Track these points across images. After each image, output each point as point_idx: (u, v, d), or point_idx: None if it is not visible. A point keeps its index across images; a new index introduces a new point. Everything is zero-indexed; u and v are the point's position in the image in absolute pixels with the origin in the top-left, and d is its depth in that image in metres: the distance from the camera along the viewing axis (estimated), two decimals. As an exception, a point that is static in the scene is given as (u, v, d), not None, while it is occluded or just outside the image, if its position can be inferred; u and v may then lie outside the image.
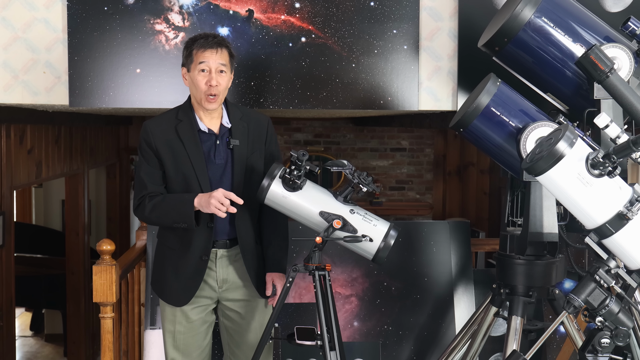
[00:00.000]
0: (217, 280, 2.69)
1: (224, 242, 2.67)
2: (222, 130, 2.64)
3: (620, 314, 1.97)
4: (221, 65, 2.56)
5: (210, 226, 2.62)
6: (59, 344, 6.68)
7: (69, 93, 3.15)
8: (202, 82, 2.54)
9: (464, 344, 2.96)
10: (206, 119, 2.63)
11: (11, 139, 4.36)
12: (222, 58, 2.56)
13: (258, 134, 2.68)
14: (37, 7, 3.14)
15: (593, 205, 1.96)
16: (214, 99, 2.56)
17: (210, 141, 2.62)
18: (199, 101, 2.59)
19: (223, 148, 2.62)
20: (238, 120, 2.65)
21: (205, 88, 2.54)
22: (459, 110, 2.83)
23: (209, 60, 2.54)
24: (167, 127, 2.60)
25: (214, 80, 2.53)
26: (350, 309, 3.55)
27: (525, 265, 2.66)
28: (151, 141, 2.59)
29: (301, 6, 3.21)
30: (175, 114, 2.63)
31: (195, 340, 2.72)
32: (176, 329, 2.69)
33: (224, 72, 2.58)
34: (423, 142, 7.80)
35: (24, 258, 6.44)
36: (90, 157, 6.20)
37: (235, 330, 2.75)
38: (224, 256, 2.68)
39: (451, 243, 3.63)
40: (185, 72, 2.62)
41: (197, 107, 2.62)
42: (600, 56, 2.32)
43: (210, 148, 2.61)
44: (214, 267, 2.67)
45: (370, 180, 2.48)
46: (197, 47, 2.55)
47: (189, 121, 2.61)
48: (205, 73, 2.54)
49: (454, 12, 3.28)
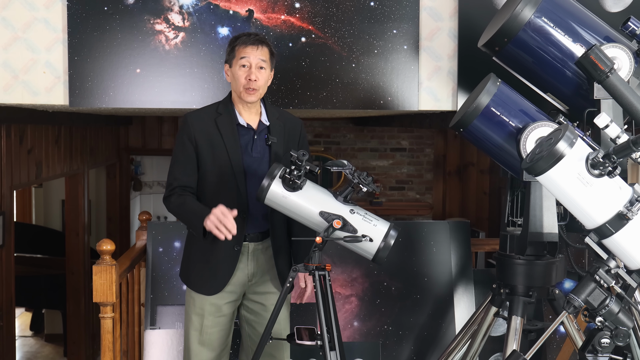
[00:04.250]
0: (247, 274, 2.74)
1: (257, 235, 2.73)
2: (261, 126, 2.71)
3: (620, 314, 1.97)
4: (261, 62, 2.64)
5: (244, 217, 2.66)
6: (59, 344, 6.68)
7: (69, 93, 3.15)
8: (243, 76, 2.63)
9: (464, 344, 2.96)
10: (245, 114, 2.70)
11: (11, 139, 4.37)
12: (263, 54, 2.65)
13: (292, 135, 2.76)
14: (37, 7, 3.14)
15: (593, 205, 1.96)
16: (253, 92, 2.64)
17: (248, 135, 2.69)
18: (238, 94, 2.67)
19: (261, 143, 2.69)
20: (275, 120, 2.74)
21: (245, 82, 2.63)
22: (459, 110, 2.83)
23: (250, 55, 2.63)
24: (207, 119, 2.68)
25: (254, 75, 2.62)
26: (350, 309, 3.55)
27: (525, 265, 2.66)
28: (191, 132, 2.66)
29: (301, 6, 3.21)
30: (216, 108, 2.72)
31: (221, 336, 2.76)
32: (204, 323, 2.72)
33: (264, 69, 2.66)
34: (423, 142, 7.80)
35: (24, 258, 6.44)
36: (90, 157, 6.20)
37: (258, 323, 2.79)
38: (256, 250, 2.74)
39: (451, 243, 3.63)
40: (227, 68, 2.70)
41: (237, 101, 2.70)
42: (600, 56, 2.32)
43: (248, 142, 2.69)
44: (246, 261, 2.72)
45: (370, 180, 2.48)
46: (239, 43, 2.65)
47: (228, 115, 2.69)
48: (246, 68, 2.63)
49: (454, 12, 3.28)
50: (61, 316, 6.51)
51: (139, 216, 3.77)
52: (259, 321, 2.78)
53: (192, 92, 3.21)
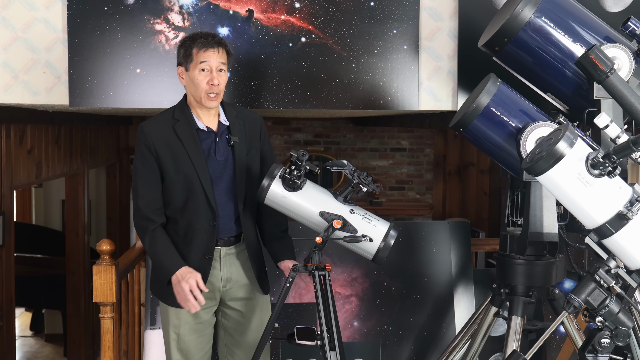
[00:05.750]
0: (221, 279, 2.67)
1: (228, 240, 2.66)
2: (221, 128, 2.64)
3: (620, 314, 1.97)
4: (221, 64, 2.57)
5: (213, 224, 2.59)
6: (59, 344, 6.68)
7: (69, 93, 3.15)
8: (204, 81, 2.54)
9: (464, 344, 2.96)
10: (204, 117, 2.62)
11: (11, 139, 4.36)
12: (222, 57, 2.57)
13: (253, 132, 2.69)
14: (37, 7, 3.14)
15: (593, 205, 1.96)
16: (215, 97, 2.57)
17: (209, 139, 2.61)
18: (198, 100, 2.58)
19: (223, 145, 2.62)
20: (234, 118, 2.66)
21: (206, 87, 2.54)
22: (459, 110, 2.83)
23: (211, 59, 2.54)
24: (165, 127, 2.59)
25: (216, 80, 2.54)
26: (350, 309, 3.55)
27: (525, 265, 2.66)
28: (149, 143, 2.57)
29: (301, 6, 3.21)
30: (172, 114, 2.63)
31: (200, 342, 2.69)
32: (181, 332, 2.65)
33: (223, 71, 2.59)
34: (423, 142, 7.80)
35: (24, 258, 6.44)
36: (90, 157, 6.20)
37: (235, 330, 2.73)
38: (228, 254, 2.67)
39: (451, 243, 3.63)
40: (182, 70, 2.60)
41: (195, 105, 2.62)
42: (600, 56, 2.32)
43: (210, 146, 2.61)
44: (218, 267, 2.65)
45: (370, 180, 2.47)
46: (197, 46, 2.54)
47: (186, 120, 2.60)
48: (207, 72, 2.55)
49: (454, 12, 3.28)
50: (61, 316, 6.50)
51: (139, 216, 3.77)
52: (236, 328, 2.72)
53: (192, 92, 3.20)
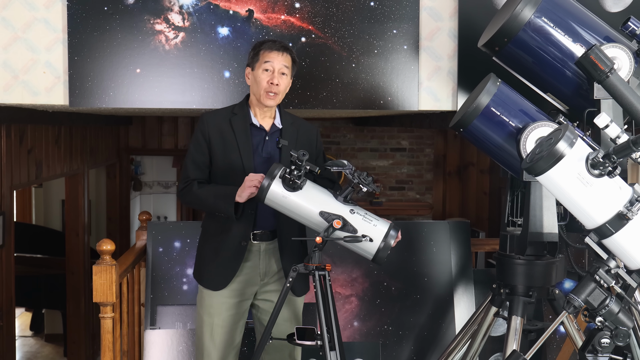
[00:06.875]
0: (259, 273, 2.76)
1: (266, 234, 2.76)
2: (273, 129, 2.77)
3: (620, 314, 1.97)
4: (284, 67, 2.70)
5: (251, 212, 2.70)
6: (59, 344, 6.68)
7: (69, 93, 3.15)
8: (265, 80, 2.69)
9: (464, 344, 2.96)
10: (260, 116, 2.76)
11: (11, 139, 4.37)
12: (286, 61, 2.71)
13: (307, 142, 2.81)
14: (37, 7, 3.14)
15: (593, 205, 1.96)
16: (274, 97, 2.70)
17: (260, 136, 2.75)
18: (258, 98, 2.72)
19: (271, 145, 2.75)
20: (289, 125, 2.79)
21: (267, 86, 2.69)
22: (459, 110, 2.83)
23: (274, 60, 2.69)
24: (223, 119, 2.75)
25: (276, 80, 2.68)
26: (350, 309, 3.55)
27: (525, 265, 2.66)
28: (205, 130, 2.73)
29: (301, 6, 3.21)
30: (232, 109, 2.80)
31: (228, 331, 2.77)
32: (214, 322, 2.75)
33: (285, 75, 2.72)
34: (423, 142, 7.80)
35: (24, 258, 6.44)
36: (90, 157, 6.20)
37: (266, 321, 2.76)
38: (268, 249, 2.76)
39: (451, 243, 3.63)
40: (249, 71, 2.77)
41: (255, 104, 2.76)
42: (600, 56, 2.32)
43: (259, 142, 2.75)
44: (257, 260, 2.75)
45: (370, 180, 2.48)
46: (264, 48, 2.71)
47: (243, 115, 2.76)
48: (269, 72, 2.69)
49: (454, 12, 3.28)
50: (61, 316, 6.51)
51: (139, 216, 3.78)
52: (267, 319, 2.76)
53: (192, 92, 3.21)
